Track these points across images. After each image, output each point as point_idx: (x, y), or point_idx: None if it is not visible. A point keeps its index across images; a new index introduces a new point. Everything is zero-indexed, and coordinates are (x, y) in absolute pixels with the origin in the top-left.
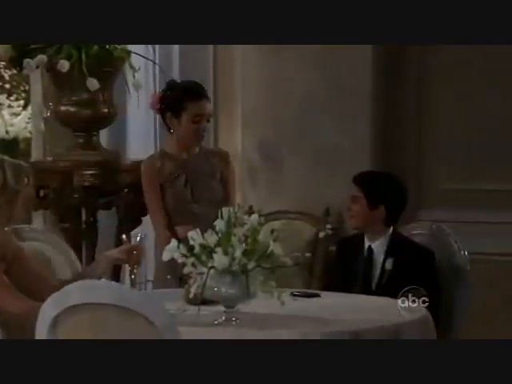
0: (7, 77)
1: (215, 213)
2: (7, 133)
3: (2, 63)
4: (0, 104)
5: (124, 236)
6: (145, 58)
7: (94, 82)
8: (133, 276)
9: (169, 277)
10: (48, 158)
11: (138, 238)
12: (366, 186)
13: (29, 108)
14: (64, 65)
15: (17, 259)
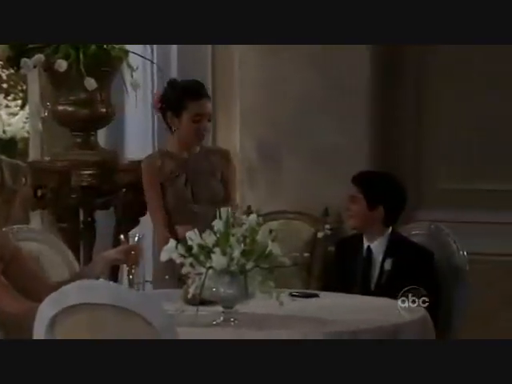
0: (5, 76)
1: (215, 212)
2: (5, 132)
3: (0, 63)
4: None
5: (122, 236)
6: (143, 58)
7: (92, 82)
8: (131, 276)
9: (167, 277)
10: (46, 158)
11: (136, 238)
12: (366, 186)
13: (26, 108)
14: (61, 64)
15: (14, 259)
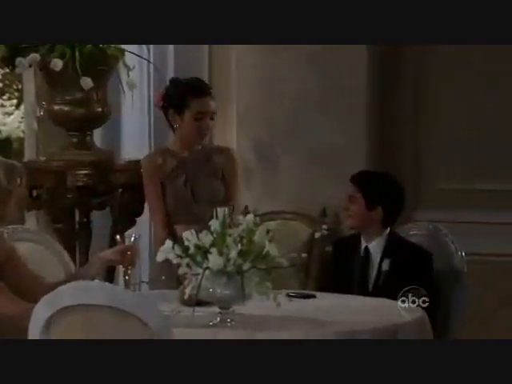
0: (0, 76)
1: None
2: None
3: None
4: None
5: (118, 237)
6: (139, 57)
7: (88, 81)
8: (127, 277)
9: (163, 277)
10: (41, 158)
11: (132, 239)
12: (365, 186)
13: (22, 107)
14: (57, 63)
15: (10, 260)
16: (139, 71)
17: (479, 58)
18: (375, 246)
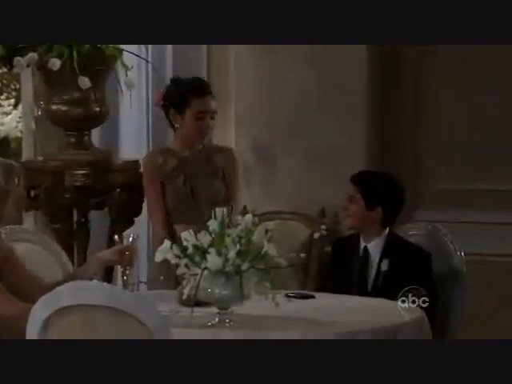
0: None
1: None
2: None
3: None
4: None
5: (116, 237)
6: (137, 57)
7: (86, 81)
8: (125, 277)
9: (162, 278)
10: (39, 158)
11: (131, 239)
12: (364, 186)
13: (19, 107)
14: (55, 63)
15: (7, 260)
16: (137, 71)
17: (479, 58)
18: (374, 246)
